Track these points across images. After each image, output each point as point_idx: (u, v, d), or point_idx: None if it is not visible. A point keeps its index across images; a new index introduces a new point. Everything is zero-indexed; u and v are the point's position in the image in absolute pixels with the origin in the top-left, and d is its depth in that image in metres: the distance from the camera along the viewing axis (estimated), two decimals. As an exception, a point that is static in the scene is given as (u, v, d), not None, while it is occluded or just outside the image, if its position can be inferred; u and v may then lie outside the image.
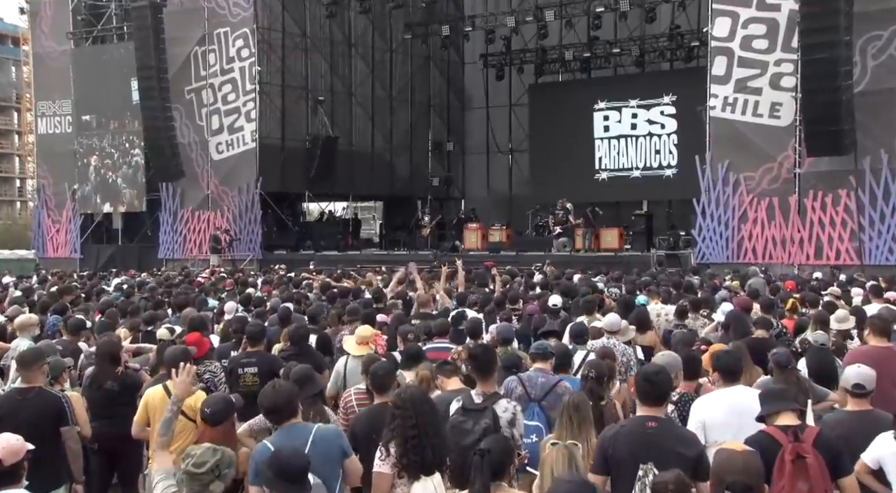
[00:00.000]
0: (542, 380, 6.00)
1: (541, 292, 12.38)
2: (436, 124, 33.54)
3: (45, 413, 5.63)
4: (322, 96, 28.73)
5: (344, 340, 7.39)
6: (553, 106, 30.19)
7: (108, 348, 6.53)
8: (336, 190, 29.53)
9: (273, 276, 18.38)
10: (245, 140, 26.46)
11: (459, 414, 5.19)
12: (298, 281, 15.14)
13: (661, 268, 19.86)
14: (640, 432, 4.41)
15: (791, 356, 6.76)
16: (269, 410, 4.51)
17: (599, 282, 14.63)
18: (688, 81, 26.57)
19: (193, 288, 14.44)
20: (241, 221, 26.47)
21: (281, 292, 13.07)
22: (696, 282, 14.57)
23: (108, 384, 6.49)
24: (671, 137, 28.25)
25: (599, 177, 29.62)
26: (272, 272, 19.66)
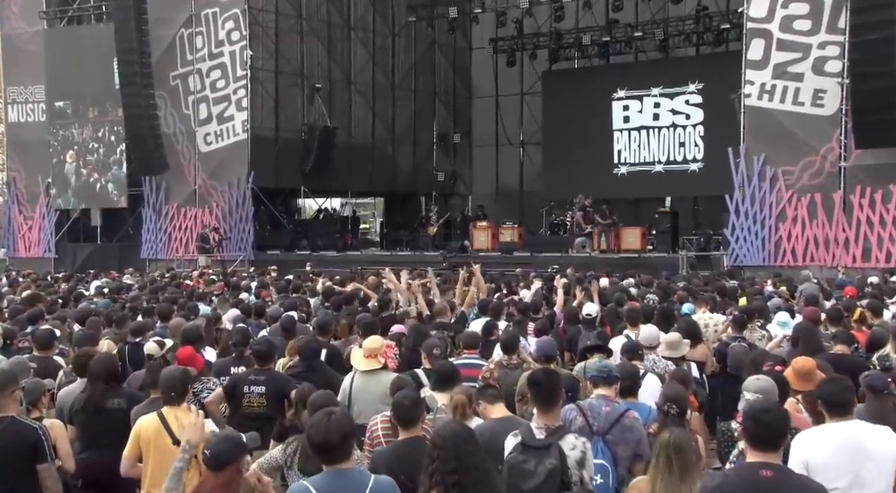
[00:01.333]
0: (606, 409, 5.47)
1: (565, 299, 11.95)
2: (441, 115, 33.37)
3: (18, 448, 5.12)
4: (319, 84, 28.58)
5: (351, 353, 7.05)
6: (568, 95, 29.84)
7: (103, 367, 6.09)
8: (334, 185, 29.40)
9: (266, 277, 18.06)
10: (235, 131, 26.23)
11: (519, 452, 4.65)
12: (298, 285, 14.80)
13: (693, 271, 19.50)
14: (752, 482, 3.83)
15: (888, 380, 6.14)
16: (320, 446, 3.95)
17: (630, 287, 14.29)
18: (716, 68, 26.42)
19: (181, 292, 14.10)
20: (232, 218, 26.25)
21: (281, 298, 12.69)
22: (734, 287, 14.17)
23: (114, 403, 6.04)
24: (697, 129, 27.80)
25: (618, 172, 29.26)
26: (265, 274, 19.30)
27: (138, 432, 5.41)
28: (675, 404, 5.54)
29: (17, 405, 5.30)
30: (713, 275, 18.12)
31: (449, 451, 4.02)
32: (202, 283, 16.55)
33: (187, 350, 6.81)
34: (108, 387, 6.08)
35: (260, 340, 7.19)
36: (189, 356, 6.67)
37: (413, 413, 4.98)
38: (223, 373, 7.29)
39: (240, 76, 26.13)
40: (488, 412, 5.58)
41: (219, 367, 7.50)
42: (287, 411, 6.15)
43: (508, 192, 32.60)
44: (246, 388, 6.70)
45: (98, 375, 6.09)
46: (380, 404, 6.14)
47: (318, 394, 5.31)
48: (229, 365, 7.51)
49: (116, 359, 6.57)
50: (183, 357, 6.62)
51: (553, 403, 4.84)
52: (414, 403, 5.03)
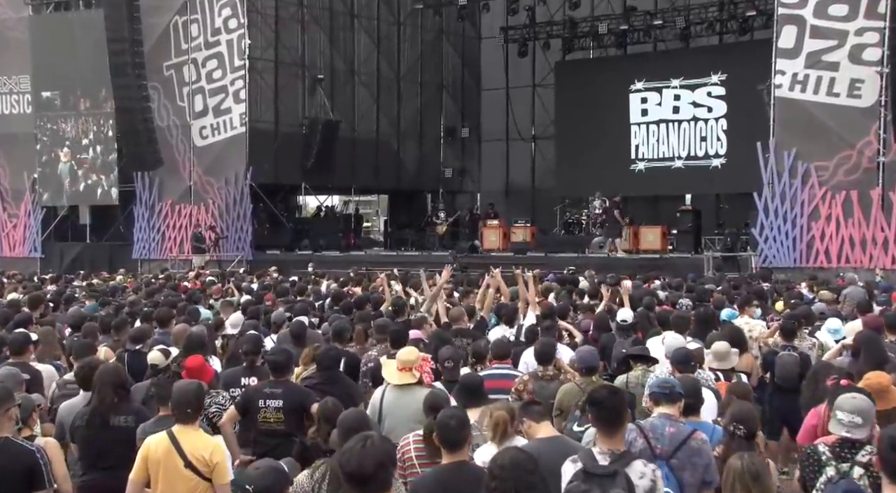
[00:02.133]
0: (670, 430, 5.08)
1: (590, 303, 11.89)
2: (449, 108, 33.28)
3: (14, 474, 4.76)
4: (321, 75, 28.47)
5: (383, 365, 6.77)
6: (583, 87, 29.68)
7: (110, 379, 5.84)
8: (336, 182, 29.20)
9: (267, 279, 17.84)
10: (233, 124, 26.06)
11: (581, 481, 4.22)
12: (303, 288, 14.47)
13: (720, 273, 19.22)
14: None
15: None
16: (353, 476, 3.63)
17: (657, 290, 14.05)
18: (740, 58, 26.33)
19: (179, 295, 13.86)
20: (229, 216, 26.08)
21: (283, 301, 12.35)
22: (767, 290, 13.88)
23: (121, 420, 5.82)
24: (720, 122, 27.58)
25: (636, 168, 29.14)
26: (264, 275, 19.04)
27: (146, 453, 5.14)
28: (744, 424, 5.24)
29: (13, 425, 4.97)
30: (743, 277, 17.78)
31: (508, 482, 3.73)
32: (199, 284, 16.33)
33: (196, 360, 6.52)
34: (116, 401, 5.84)
35: (276, 349, 6.95)
36: (198, 367, 6.39)
37: (460, 434, 4.67)
38: (232, 384, 7.06)
39: (237, 66, 25.93)
40: (534, 431, 5.27)
41: (228, 378, 7.24)
42: (308, 427, 5.95)
43: (519, 189, 32.55)
44: (261, 402, 6.44)
45: (104, 387, 5.84)
46: (413, 423, 5.90)
47: (349, 414, 4.98)
48: (239, 376, 7.26)
49: (124, 370, 6.32)
50: (191, 367, 6.35)
51: (618, 425, 4.48)
52: (461, 423, 4.71)
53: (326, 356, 7.04)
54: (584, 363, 7.01)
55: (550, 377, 7.33)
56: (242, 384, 7.03)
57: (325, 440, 5.40)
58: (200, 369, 6.38)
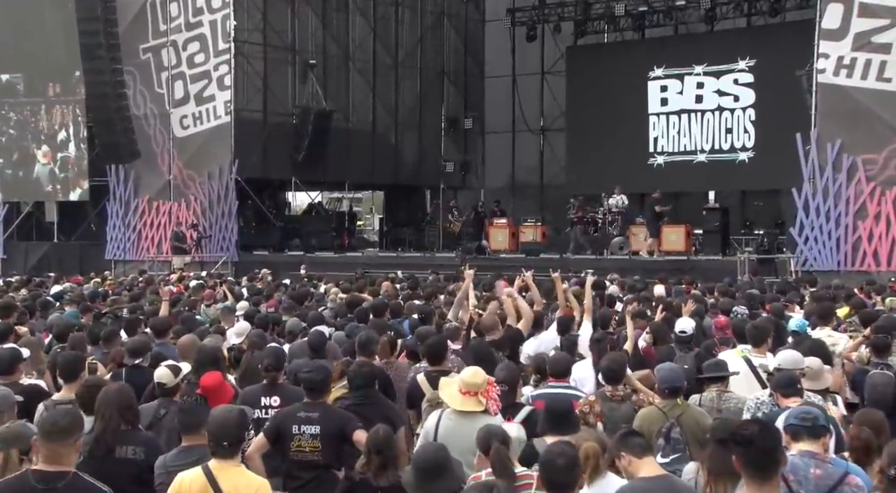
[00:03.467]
0: (816, 472, 4.58)
1: (634, 311, 11.02)
2: (450, 97, 33.11)
3: None
4: (313, 60, 28.31)
5: (441, 386, 6.26)
6: (597, 74, 29.56)
7: (118, 399, 5.48)
8: (329, 177, 29.12)
9: (259, 283, 17.57)
10: (217, 113, 25.97)
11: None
12: (305, 293, 13.98)
13: (757, 277, 18.84)
14: None
15: None
16: None
17: None
18: (771, 41, 26.36)
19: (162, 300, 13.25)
20: (212, 213, 26.01)
21: (289, 308, 11.88)
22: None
23: (127, 451, 5.45)
24: (747, 112, 27.36)
25: (654, 162, 28.94)
26: (256, 279, 18.73)
27: (178, 492, 4.73)
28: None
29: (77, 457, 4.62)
30: (786, 282, 17.42)
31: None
32: (182, 288, 16.16)
33: (213, 377, 6.04)
34: (123, 427, 5.45)
35: (312, 366, 6.43)
36: (216, 385, 5.94)
37: (570, 477, 4.26)
38: (251, 406, 6.57)
39: (222, 50, 25.81)
40: (636, 467, 4.80)
41: (245, 398, 6.71)
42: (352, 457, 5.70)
43: (526, 185, 32.36)
44: (295, 428, 6.01)
45: (109, 411, 5.44)
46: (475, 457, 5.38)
47: (430, 451, 4.55)
48: (258, 395, 6.78)
49: (131, 392, 5.80)
50: (208, 386, 5.91)
51: (774, 471, 3.90)
52: (570, 463, 4.26)
53: (360, 373, 6.63)
54: (666, 383, 6.50)
55: (621, 398, 6.92)
56: (263, 405, 6.68)
57: (376, 475, 5.17)
58: (219, 389, 5.95)
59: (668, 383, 6.49)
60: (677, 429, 6.01)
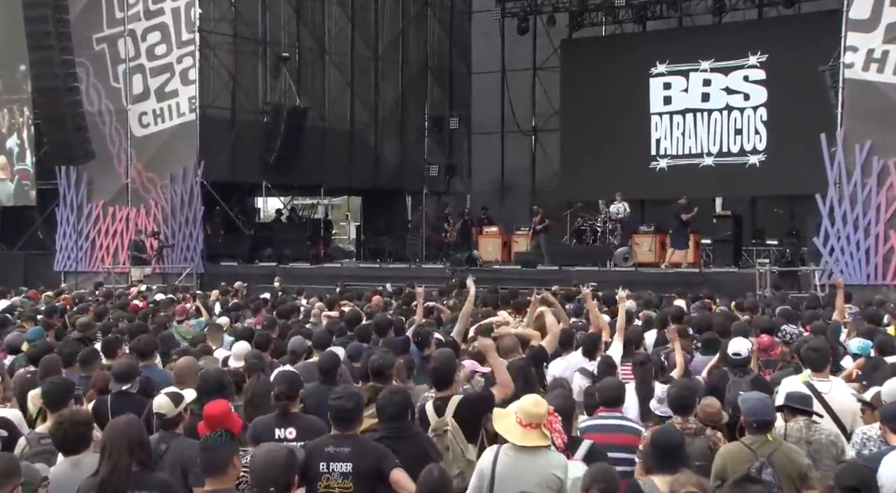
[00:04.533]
0: None
1: (679, 328, 10.69)
2: (435, 94, 33.11)
3: None
4: (286, 53, 28.32)
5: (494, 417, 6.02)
6: (594, 70, 29.37)
7: (127, 435, 5.15)
8: (303, 181, 29.16)
9: (232, 296, 17.50)
10: (180, 110, 25.93)
11: None
12: (291, 308, 13.92)
13: (782, 292, 18.42)
14: None
15: None
16: None
17: None
18: (784, 35, 26.18)
19: (133, 315, 13.48)
20: (175, 220, 25.98)
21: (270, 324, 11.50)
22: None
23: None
24: (759, 112, 27.12)
25: (656, 166, 28.74)
26: (231, 294, 18.27)
27: None
28: None
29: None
30: (816, 297, 16.94)
31: None
32: (145, 303, 15.89)
33: (219, 406, 5.79)
34: (135, 468, 5.13)
35: (342, 392, 6.13)
36: (222, 415, 5.68)
37: None
38: (263, 438, 6.38)
39: (186, 41, 25.79)
40: None
41: (257, 430, 6.57)
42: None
43: (516, 190, 32.16)
44: (322, 465, 5.75)
45: (118, 449, 5.10)
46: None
47: None
48: (271, 427, 6.61)
49: (142, 425, 5.48)
50: (213, 416, 5.68)
51: None
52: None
53: (392, 402, 6.28)
54: (755, 416, 6.10)
55: (694, 432, 6.63)
56: (277, 438, 6.48)
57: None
58: (225, 419, 5.66)
59: (756, 415, 6.09)
60: (769, 470, 5.69)
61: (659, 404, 7.39)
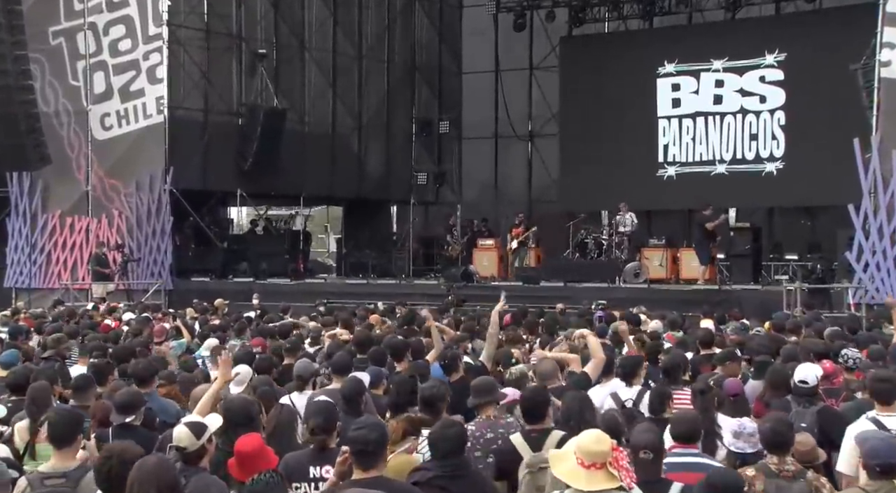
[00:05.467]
0: None
1: (722, 353, 10.80)
2: (423, 96, 33.12)
3: None
4: (263, 49, 28.23)
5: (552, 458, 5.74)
6: (596, 70, 29.33)
7: (156, 479, 5.01)
8: (281, 189, 29.08)
9: (215, 317, 17.17)
10: (147, 111, 25.77)
11: None
12: (290, 327, 13.89)
13: (814, 312, 18.13)
14: None
15: None
16: None
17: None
18: (804, 32, 26.20)
19: (106, 336, 13.18)
20: (141, 232, 25.81)
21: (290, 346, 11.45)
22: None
23: None
24: (776, 116, 26.95)
25: (664, 174, 28.55)
26: (209, 312, 18.18)
27: None
28: None
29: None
30: (854, 317, 16.85)
31: None
32: (118, 323, 15.82)
33: (252, 441, 5.77)
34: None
35: (364, 422, 6.02)
36: (256, 451, 5.68)
37: None
38: (297, 477, 6.44)
39: (153, 36, 25.58)
40: None
41: (290, 467, 6.41)
42: None
43: (512, 200, 31.84)
44: None
45: (148, 483, 4.99)
46: None
47: None
48: (305, 464, 6.55)
49: (173, 466, 5.35)
50: (247, 453, 5.66)
51: None
52: None
53: (446, 436, 6.18)
54: (878, 459, 5.74)
55: (792, 475, 6.27)
56: (312, 477, 6.47)
57: None
58: (259, 455, 5.66)
59: (880, 458, 5.74)
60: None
61: (735, 440, 6.90)
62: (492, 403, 7.33)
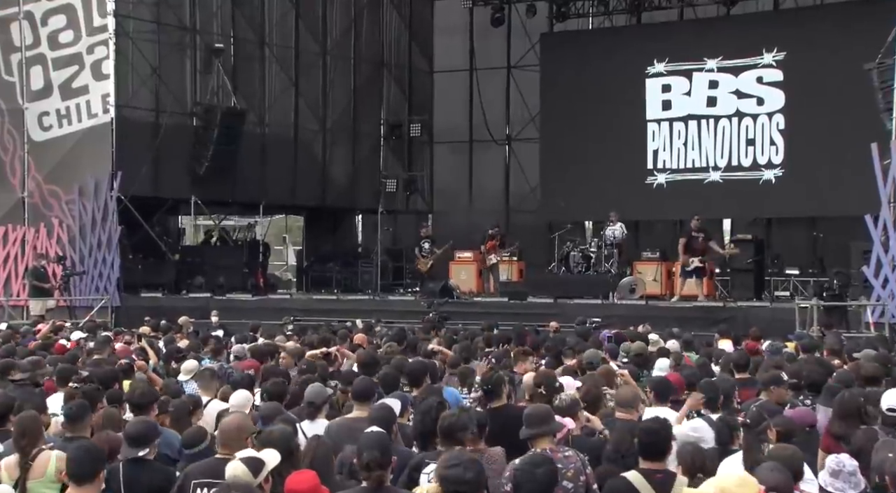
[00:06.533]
0: None
1: (769, 377, 10.38)
2: (392, 96, 33.15)
3: None
4: (219, 44, 28.10)
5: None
6: (579, 69, 29.24)
7: None
8: (239, 196, 28.66)
9: (176, 335, 17.03)
10: (92, 110, 25.47)
11: None
12: (272, 347, 13.59)
13: (836, 332, 17.77)
14: None
15: None
16: None
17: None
18: (805, 30, 26.13)
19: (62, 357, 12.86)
20: (85, 243, 25.40)
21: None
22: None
23: None
24: (774, 119, 26.84)
25: (654, 181, 28.54)
26: (178, 329, 17.97)
27: None
28: None
29: None
30: (882, 337, 16.65)
31: None
32: (72, 343, 15.30)
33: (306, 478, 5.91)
34: None
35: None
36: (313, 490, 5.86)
37: None
38: None
39: (98, 27, 25.27)
40: None
41: None
42: None
43: (488, 209, 31.76)
44: None
45: None
46: None
47: None
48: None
49: None
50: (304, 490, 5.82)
51: None
52: None
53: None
54: None
55: None
56: None
57: None
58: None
59: None
60: None
61: (833, 479, 6.49)
62: (548, 434, 7.13)
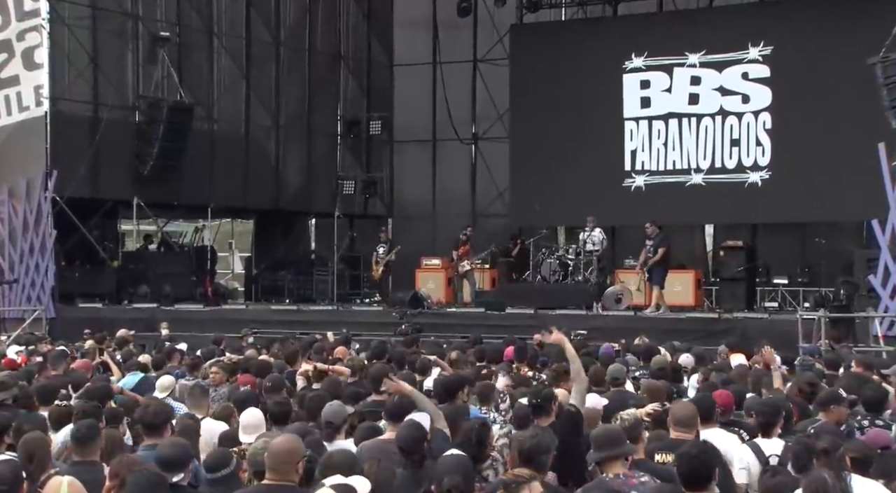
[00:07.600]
0: None
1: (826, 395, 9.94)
2: (350, 91, 33.10)
3: None
4: (165, 32, 27.75)
5: None
6: (552, 63, 29.07)
7: None
8: (185, 198, 28.45)
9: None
10: (23, 103, 25.56)
11: None
12: (268, 365, 13.19)
13: (842, 345, 18.03)
14: None
15: None
16: None
17: None
18: (794, 22, 26.22)
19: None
20: (16, 248, 25.46)
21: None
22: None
23: None
24: (761, 118, 26.67)
25: (632, 184, 28.37)
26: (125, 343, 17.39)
27: None
28: None
29: None
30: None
31: None
32: (24, 358, 15.26)
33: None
34: None
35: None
36: None
37: None
38: None
39: (29, 12, 25.38)
40: None
41: None
42: None
43: (453, 212, 31.86)
44: None
45: None
46: None
47: None
48: None
49: None
50: None
51: None
52: None
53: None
54: None
55: None
56: None
57: None
58: None
59: None
60: None
61: None
62: (620, 457, 6.95)
